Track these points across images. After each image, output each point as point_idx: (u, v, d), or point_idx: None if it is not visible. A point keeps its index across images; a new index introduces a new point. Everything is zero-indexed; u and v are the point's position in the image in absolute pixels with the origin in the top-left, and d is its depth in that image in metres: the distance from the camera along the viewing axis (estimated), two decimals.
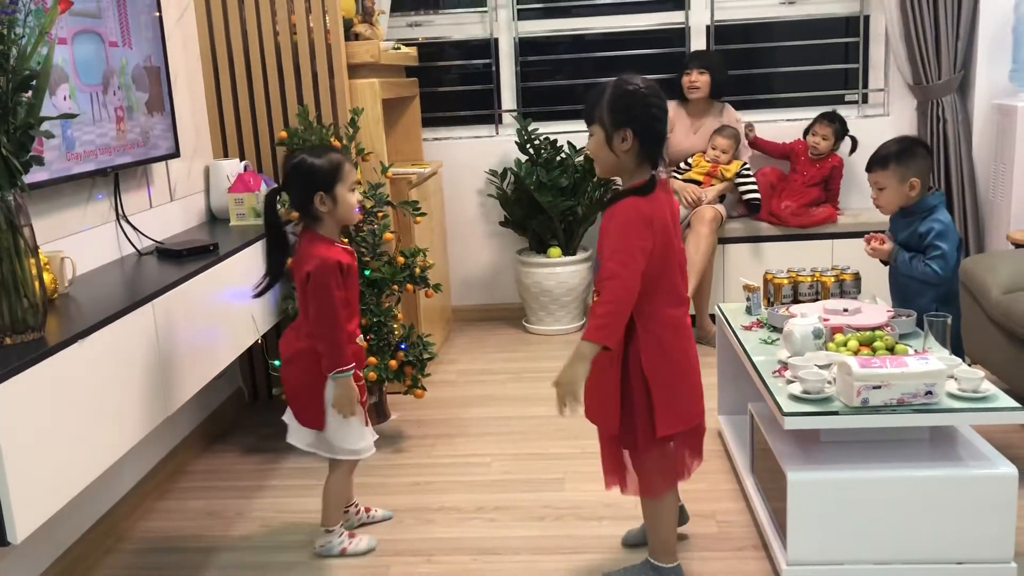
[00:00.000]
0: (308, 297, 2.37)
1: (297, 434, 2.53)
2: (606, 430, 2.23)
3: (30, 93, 1.86)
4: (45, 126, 1.92)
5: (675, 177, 4.37)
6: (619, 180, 2.16)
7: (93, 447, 2.00)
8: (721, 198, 4.35)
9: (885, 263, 2.88)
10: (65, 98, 2.47)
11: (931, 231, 2.71)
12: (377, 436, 2.61)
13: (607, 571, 2.37)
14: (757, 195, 4.36)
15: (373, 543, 2.59)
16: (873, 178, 2.80)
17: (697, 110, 4.43)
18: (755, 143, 4.49)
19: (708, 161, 4.33)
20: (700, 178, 4.31)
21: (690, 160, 4.38)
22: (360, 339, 2.51)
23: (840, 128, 4.39)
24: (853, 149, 4.45)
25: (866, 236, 2.88)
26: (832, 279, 2.92)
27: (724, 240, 4.36)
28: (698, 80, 4.31)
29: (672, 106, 4.28)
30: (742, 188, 4.35)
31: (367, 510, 2.74)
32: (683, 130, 4.44)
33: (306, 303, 2.40)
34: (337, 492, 2.57)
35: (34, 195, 2.31)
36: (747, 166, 4.36)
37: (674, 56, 4.77)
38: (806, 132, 4.46)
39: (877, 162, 2.79)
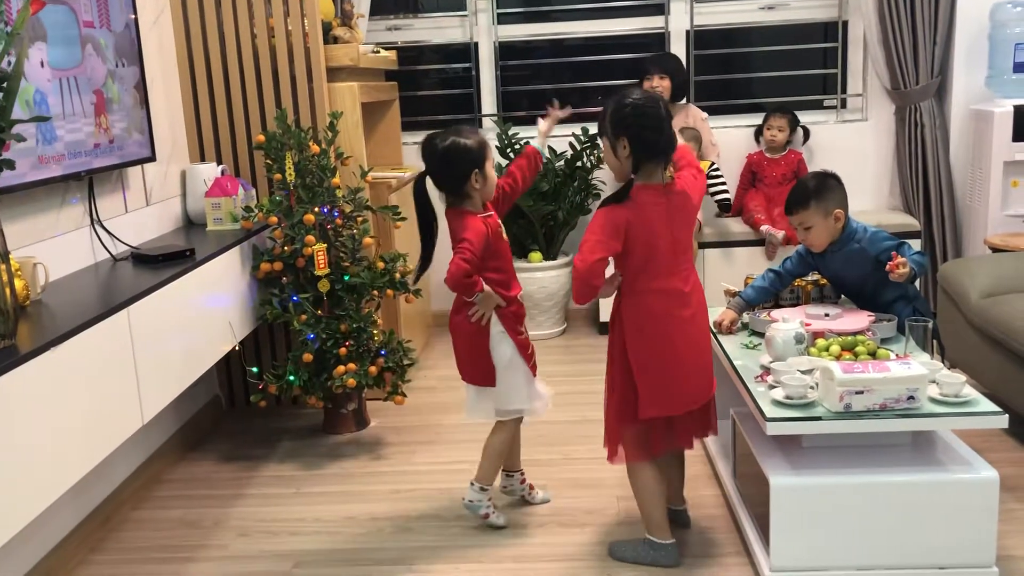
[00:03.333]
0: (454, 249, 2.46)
1: (474, 409, 2.61)
2: (605, 399, 2.43)
3: (1, 95, 1.82)
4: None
5: None
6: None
7: (66, 457, 1.96)
8: None
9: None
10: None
11: (866, 240, 2.70)
12: (550, 392, 2.66)
13: (612, 541, 2.52)
14: (727, 194, 4.38)
15: (506, 522, 2.66)
16: (797, 220, 2.74)
17: None
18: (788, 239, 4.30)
19: None
20: None
21: None
22: (521, 296, 2.61)
23: (792, 119, 4.48)
24: (806, 138, 4.57)
25: (889, 266, 2.63)
26: (811, 285, 2.92)
27: (709, 245, 4.37)
28: (659, 85, 4.31)
29: None
30: (712, 188, 4.35)
31: (531, 488, 2.80)
32: None
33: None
34: (500, 450, 2.63)
35: (5, 199, 2.27)
36: (715, 166, 4.36)
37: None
38: (758, 134, 4.55)
39: (797, 204, 2.73)
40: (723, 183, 4.36)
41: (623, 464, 2.42)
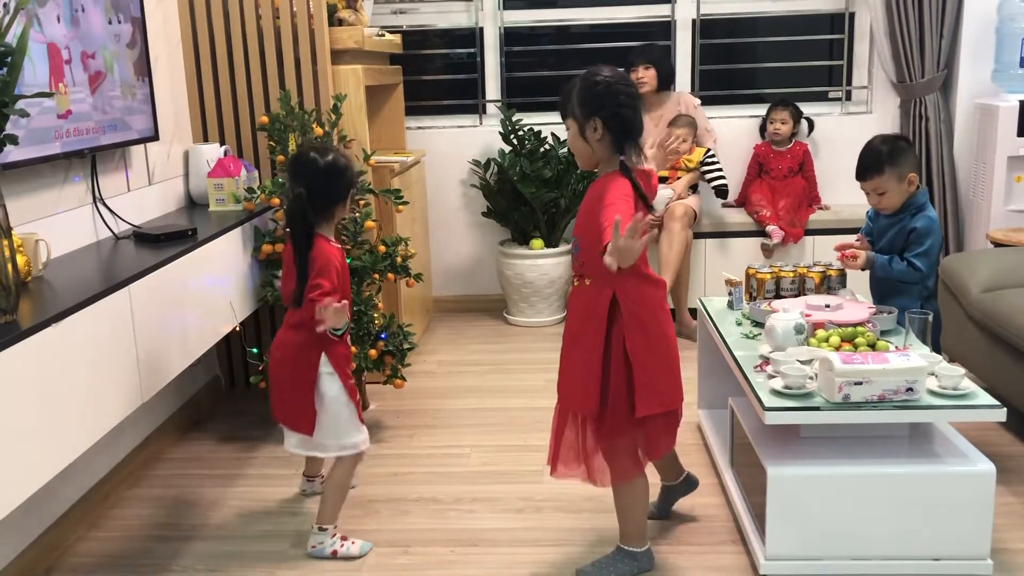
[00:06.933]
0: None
1: (293, 441, 2.50)
2: (584, 411, 2.22)
3: (5, 70, 1.82)
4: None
5: None
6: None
7: (66, 433, 1.96)
8: (693, 188, 4.36)
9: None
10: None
11: (921, 227, 2.70)
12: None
13: (580, 567, 2.34)
14: (723, 180, 4.36)
15: (367, 548, 2.48)
16: (871, 185, 2.72)
17: (653, 103, 4.42)
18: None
19: None
20: (666, 173, 4.29)
21: None
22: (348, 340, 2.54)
23: (795, 111, 4.47)
24: (811, 129, 4.56)
25: (837, 247, 2.82)
26: (820, 275, 2.92)
27: (709, 235, 4.37)
28: (644, 76, 4.32)
29: None
30: (708, 175, 4.35)
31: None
32: (647, 125, 4.42)
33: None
34: (338, 490, 2.49)
35: (8, 175, 2.27)
36: (711, 152, 4.35)
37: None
38: (763, 128, 4.54)
39: (872, 168, 2.70)
40: (719, 169, 4.34)
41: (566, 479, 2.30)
